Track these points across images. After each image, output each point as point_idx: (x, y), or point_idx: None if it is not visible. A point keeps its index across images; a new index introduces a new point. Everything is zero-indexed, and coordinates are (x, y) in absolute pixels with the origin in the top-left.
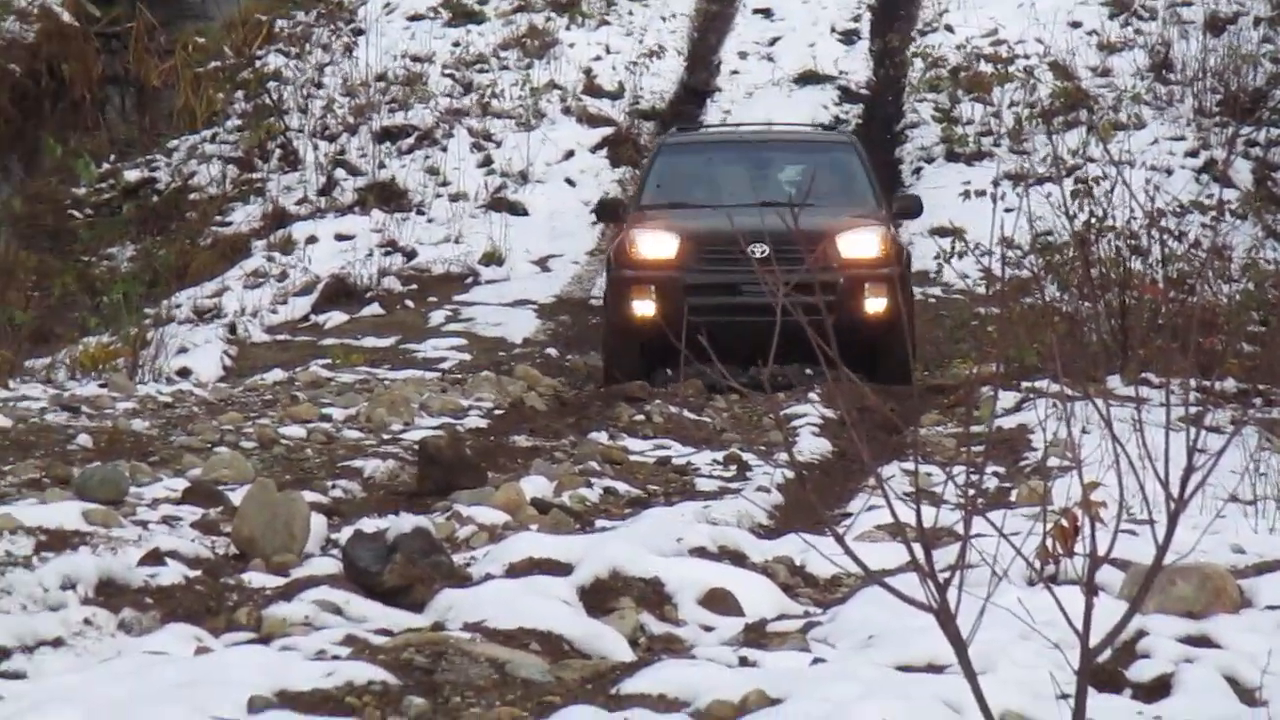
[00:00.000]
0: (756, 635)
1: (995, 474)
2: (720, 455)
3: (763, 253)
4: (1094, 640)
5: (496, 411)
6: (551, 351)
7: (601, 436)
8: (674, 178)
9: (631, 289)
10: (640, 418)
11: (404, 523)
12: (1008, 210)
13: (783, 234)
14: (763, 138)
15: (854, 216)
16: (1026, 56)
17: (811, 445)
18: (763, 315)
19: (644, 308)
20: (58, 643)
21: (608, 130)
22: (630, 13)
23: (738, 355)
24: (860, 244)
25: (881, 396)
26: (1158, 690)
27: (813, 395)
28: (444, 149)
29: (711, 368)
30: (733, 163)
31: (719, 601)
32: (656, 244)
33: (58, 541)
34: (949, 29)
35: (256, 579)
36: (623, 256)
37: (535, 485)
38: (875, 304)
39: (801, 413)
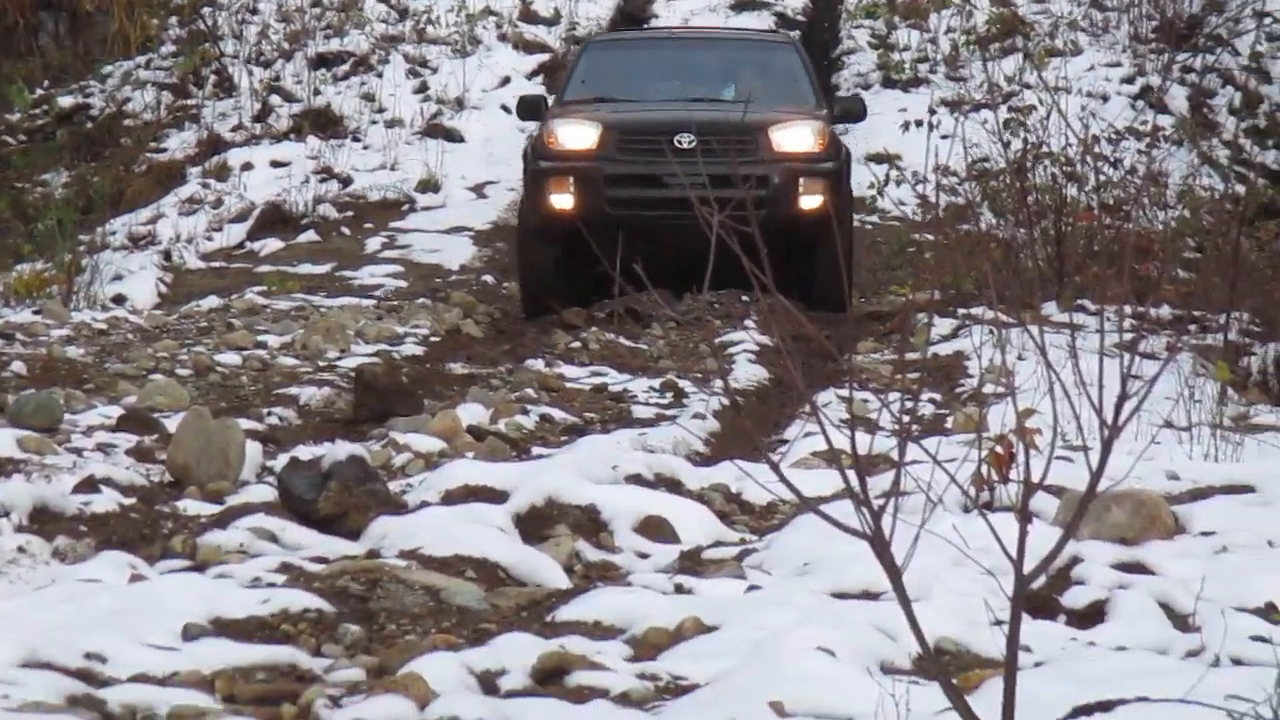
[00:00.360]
0: (692, 562)
1: (931, 401)
2: (657, 382)
3: (689, 143)
4: (1028, 567)
5: (433, 339)
6: (488, 279)
7: (538, 364)
8: (599, 74)
9: (549, 181)
10: (576, 345)
11: (339, 450)
12: (944, 137)
13: (711, 124)
14: (697, 35)
15: (791, 111)
16: None
17: (748, 372)
18: (688, 210)
19: (562, 201)
20: None
21: (544, 57)
22: None
23: (662, 255)
24: (795, 137)
25: (818, 323)
26: (1092, 616)
27: (749, 322)
28: (379, 75)
29: (645, 295)
30: (664, 60)
31: (655, 529)
32: (576, 134)
33: None
34: None
35: (191, 507)
36: (540, 148)
37: (471, 413)
38: (810, 200)
39: (738, 340)
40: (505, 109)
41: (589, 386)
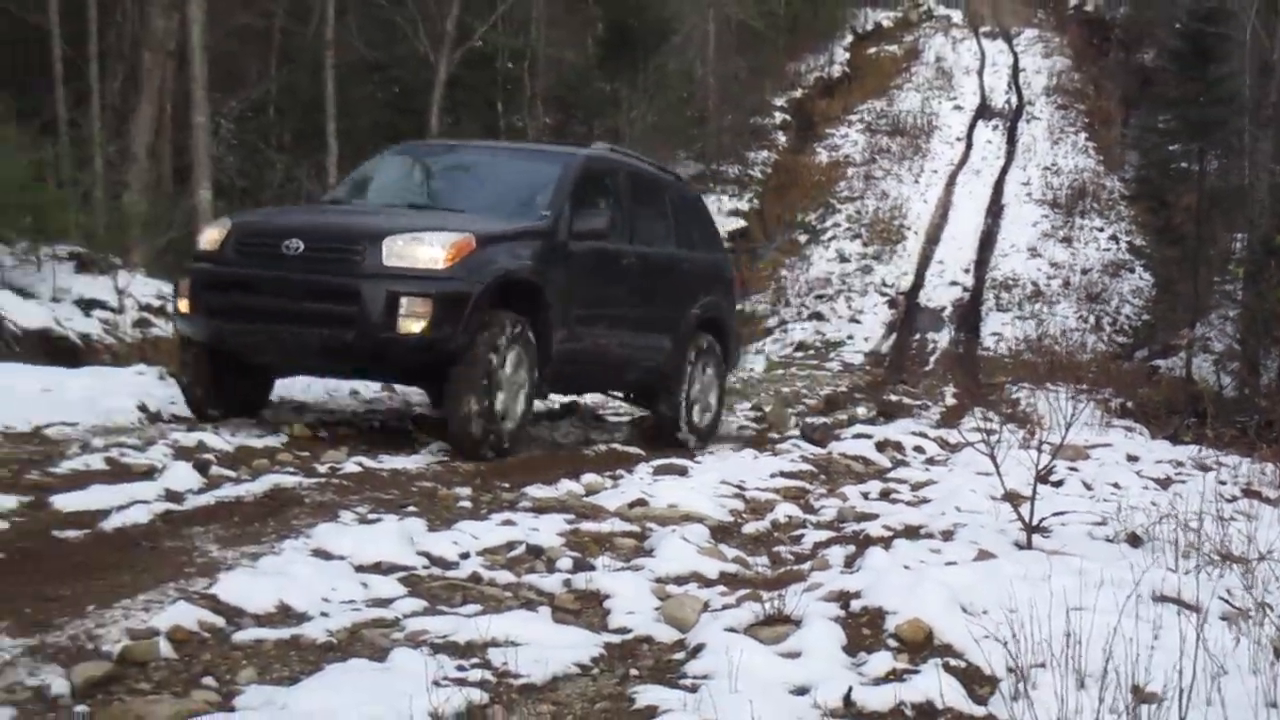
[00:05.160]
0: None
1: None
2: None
3: (296, 250)
4: (1042, 466)
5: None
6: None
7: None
8: (362, 182)
9: (179, 285)
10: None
11: (819, 420)
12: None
13: (324, 231)
14: (500, 147)
15: (434, 223)
16: None
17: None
18: (268, 321)
19: (183, 305)
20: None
21: None
22: None
23: (262, 364)
24: (412, 251)
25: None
26: (1059, 485)
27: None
28: None
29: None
30: (438, 170)
31: None
32: (210, 236)
33: None
34: None
35: (775, 436)
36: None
37: (861, 410)
38: (411, 323)
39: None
40: None
41: None
